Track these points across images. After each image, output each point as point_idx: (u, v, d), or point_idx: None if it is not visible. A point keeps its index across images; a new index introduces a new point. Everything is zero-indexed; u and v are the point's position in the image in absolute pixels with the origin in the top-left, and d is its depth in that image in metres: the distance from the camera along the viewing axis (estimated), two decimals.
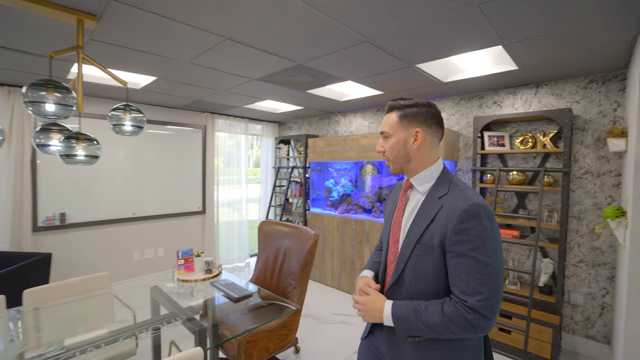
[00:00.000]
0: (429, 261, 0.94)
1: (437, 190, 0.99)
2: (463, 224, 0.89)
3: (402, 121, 1.01)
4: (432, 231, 0.94)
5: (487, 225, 0.89)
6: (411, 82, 2.84)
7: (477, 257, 0.88)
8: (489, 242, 0.88)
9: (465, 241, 0.88)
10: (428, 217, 0.96)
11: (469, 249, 0.88)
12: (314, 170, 4.50)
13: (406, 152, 1.01)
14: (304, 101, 3.71)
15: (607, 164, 2.53)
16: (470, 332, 0.89)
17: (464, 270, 0.89)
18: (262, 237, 2.64)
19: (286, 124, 5.37)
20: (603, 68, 2.43)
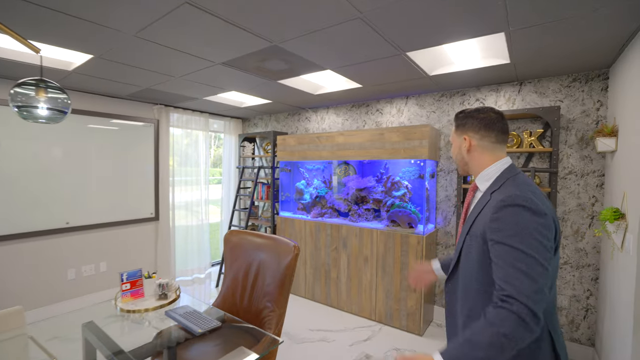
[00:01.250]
0: (474, 250, 1.00)
1: (492, 187, 1.04)
2: (499, 213, 0.92)
3: (457, 130, 1.14)
4: (478, 222, 1.01)
5: (525, 215, 0.89)
6: (394, 74, 2.61)
7: (512, 245, 0.87)
8: (525, 232, 0.87)
9: (500, 229, 0.91)
10: (477, 211, 1.03)
11: (503, 237, 0.89)
12: (283, 171, 4.13)
13: (462, 157, 1.14)
14: (274, 94, 3.33)
15: (590, 164, 2.49)
16: (522, 327, 0.81)
17: (500, 258, 0.89)
18: (230, 250, 2.23)
19: (251, 120, 4.93)
20: (587, 66, 2.38)
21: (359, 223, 3.32)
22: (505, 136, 1.09)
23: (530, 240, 0.86)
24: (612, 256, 2.05)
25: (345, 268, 3.33)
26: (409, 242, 2.89)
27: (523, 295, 0.82)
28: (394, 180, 3.18)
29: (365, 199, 3.43)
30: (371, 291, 3.15)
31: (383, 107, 3.53)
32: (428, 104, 3.22)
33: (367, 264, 3.17)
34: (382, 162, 3.43)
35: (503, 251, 0.89)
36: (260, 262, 2.07)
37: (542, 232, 0.88)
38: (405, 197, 3.11)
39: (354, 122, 3.77)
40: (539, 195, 0.95)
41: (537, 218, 0.89)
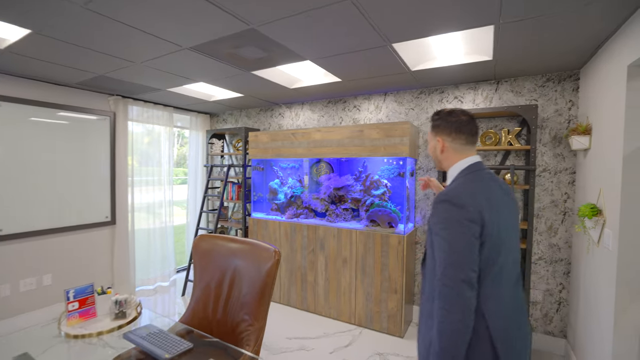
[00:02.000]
0: (429, 243, 1.13)
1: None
2: (434, 208, 1.08)
3: (431, 132, 1.24)
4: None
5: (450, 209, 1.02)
6: (377, 68, 2.51)
7: (440, 235, 1.03)
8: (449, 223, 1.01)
9: (434, 222, 1.07)
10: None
11: (436, 228, 1.05)
12: (255, 169, 3.91)
13: (436, 156, 1.24)
14: (247, 86, 3.11)
15: (563, 162, 2.56)
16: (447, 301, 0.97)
17: (435, 246, 1.05)
18: (200, 257, 2.00)
19: (220, 115, 4.63)
20: (560, 67, 2.43)
21: (337, 223, 3.19)
22: (475, 137, 1.18)
23: (453, 231, 1.00)
24: (588, 250, 2.09)
25: (322, 271, 3.19)
26: (390, 242, 2.81)
27: (447, 278, 0.98)
28: (373, 179, 3.09)
29: (343, 199, 3.31)
30: (350, 294, 3.04)
31: (361, 104, 3.43)
32: (407, 100, 3.17)
33: (346, 265, 3.05)
34: (360, 160, 3.33)
35: (436, 241, 1.04)
36: (235, 270, 1.86)
37: (463, 223, 0.99)
38: (384, 196, 3.03)
39: (331, 119, 3.64)
40: (473, 193, 1.04)
41: (459, 210, 1.00)
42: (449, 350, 0.95)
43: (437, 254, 1.02)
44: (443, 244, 1.00)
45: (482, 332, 0.99)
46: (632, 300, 1.68)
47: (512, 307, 1.05)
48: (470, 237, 0.98)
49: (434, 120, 1.22)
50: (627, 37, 1.68)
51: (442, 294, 0.97)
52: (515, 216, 1.15)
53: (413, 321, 3.12)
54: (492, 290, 1.01)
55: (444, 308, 0.97)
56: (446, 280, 0.97)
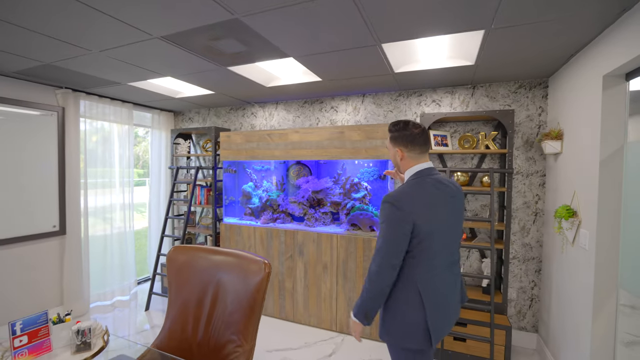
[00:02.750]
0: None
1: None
2: (380, 207, 1.34)
3: (391, 142, 1.46)
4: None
5: (388, 208, 1.30)
6: (360, 69, 2.44)
7: (381, 228, 1.32)
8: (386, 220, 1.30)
9: (379, 217, 1.36)
10: None
11: (379, 223, 1.34)
12: (227, 172, 3.68)
13: (396, 162, 1.46)
14: (220, 83, 2.89)
15: (534, 165, 2.68)
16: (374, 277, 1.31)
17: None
18: (177, 272, 1.79)
19: (185, 114, 4.31)
20: (531, 74, 2.54)
21: (317, 228, 3.09)
22: (426, 147, 1.42)
23: (390, 228, 1.28)
24: (563, 250, 2.20)
25: (301, 277, 3.07)
26: (372, 247, 2.76)
27: (374, 263, 1.31)
28: (353, 182, 3.04)
29: (322, 202, 3.21)
30: (331, 300, 2.95)
31: (338, 105, 3.36)
32: (385, 102, 3.16)
33: (326, 271, 2.96)
34: (339, 162, 3.26)
35: (379, 231, 1.36)
36: (219, 285, 1.68)
37: (397, 222, 1.27)
38: (365, 199, 2.98)
39: (307, 120, 3.53)
40: (411, 197, 1.31)
41: (396, 211, 1.27)
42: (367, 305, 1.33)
43: (377, 241, 1.33)
44: (381, 236, 1.30)
45: (416, 301, 1.31)
46: (608, 295, 1.78)
47: (443, 284, 1.36)
48: (400, 234, 1.27)
49: (392, 132, 1.45)
50: (603, 48, 1.77)
51: (371, 272, 1.32)
52: (455, 214, 1.42)
53: None
54: (425, 271, 1.31)
55: (369, 278, 1.32)
56: (377, 263, 1.30)
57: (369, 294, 1.32)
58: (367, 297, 1.32)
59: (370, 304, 1.32)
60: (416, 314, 1.30)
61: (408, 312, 1.31)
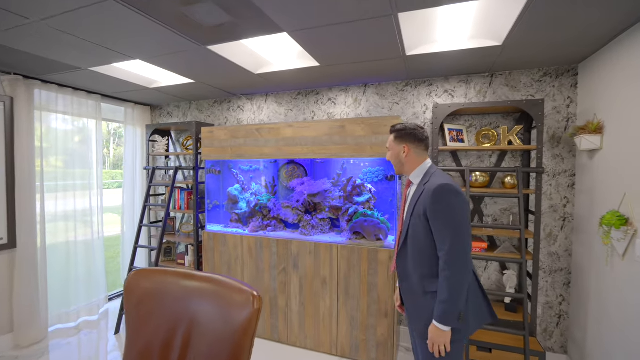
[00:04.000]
0: (420, 227, 1.38)
1: (423, 180, 1.44)
2: (435, 198, 1.32)
3: (396, 140, 1.52)
4: (419, 206, 1.39)
5: (451, 197, 1.30)
6: (367, 50, 2.07)
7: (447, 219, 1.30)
8: (452, 209, 1.30)
9: (438, 209, 1.31)
10: (416, 197, 1.42)
11: (441, 215, 1.31)
12: (210, 172, 3.24)
13: (399, 160, 1.52)
14: (199, 68, 2.47)
15: (562, 164, 2.36)
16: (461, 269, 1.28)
17: (441, 231, 1.31)
18: (137, 304, 1.36)
19: (163, 108, 3.85)
20: (559, 60, 2.23)
21: (314, 236, 2.70)
22: (428, 146, 1.51)
23: (458, 216, 1.29)
24: (608, 262, 1.87)
25: (296, 294, 2.67)
26: (378, 258, 2.39)
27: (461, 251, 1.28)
28: (356, 184, 2.66)
29: (319, 207, 2.82)
30: (331, 320, 2.56)
31: (337, 96, 2.98)
32: (390, 93, 2.79)
33: (325, 287, 2.57)
34: (338, 161, 2.88)
35: (442, 226, 1.31)
36: (192, 323, 1.27)
37: (464, 208, 1.31)
38: (369, 204, 2.61)
39: (301, 113, 3.13)
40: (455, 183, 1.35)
41: (460, 197, 1.30)
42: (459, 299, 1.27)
43: (442, 235, 1.30)
44: (453, 226, 1.28)
45: (475, 285, 1.41)
46: None
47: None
48: (469, 219, 1.33)
49: (399, 132, 1.50)
50: None
51: (457, 264, 1.27)
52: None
53: (400, 344, 2.74)
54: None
55: (460, 273, 1.27)
56: (459, 254, 1.27)
57: (461, 286, 1.27)
58: (461, 290, 1.27)
59: (463, 297, 1.28)
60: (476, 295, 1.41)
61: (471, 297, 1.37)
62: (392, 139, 1.53)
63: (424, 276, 1.38)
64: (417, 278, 1.40)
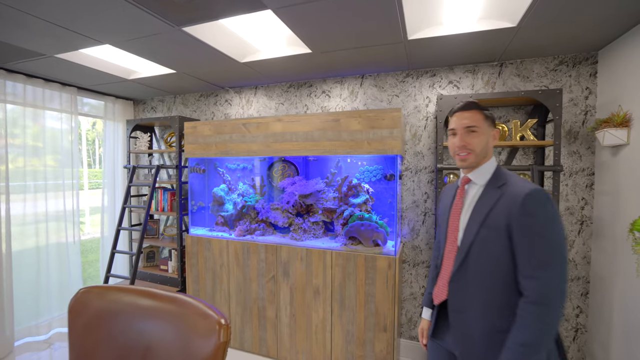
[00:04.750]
0: (496, 243, 1.03)
1: (496, 181, 1.10)
2: (528, 208, 0.98)
3: (486, 121, 1.13)
4: (496, 215, 1.04)
5: (549, 208, 0.98)
6: (365, 34, 1.83)
7: (542, 235, 0.96)
8: (551, 224, 0.96)
9: (533, 225, 0.97)
10: (488, 204, 1.06)
11: (539, 228, 0.96)
12: (194, 171, 3.00)
13: (487, 150, 1.13)
14: (177, 55, 2.22)
15: (579, 161, 2.14)
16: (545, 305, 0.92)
17: (528, 248, 0.97)
18: (83, 330, 1.12)
19: (147, 102, 3.60)
20: (575, 47, 2.01)
21: (305, 242, 2.46)
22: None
23: (557, 231, 0.97)
24: (639, 274, 1.64)
25: (287, 304, 2.43)
26: (377, 266, 2.16)
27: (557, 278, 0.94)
28: (352, 184, 2.42)
29: (312, 209, 2.58)
30: (325, 333, 2.32)
31: (331, 89, 2.74)
32: (390, 85, 2.56)
33: (318, 297, 2.33)
34: (333, 159, 2.64)
35: (539, 246, 0.96)
36: (147, 353, 1.03)
37: (561, 222, 0.99)
38: (367, 205, 2.37)
39: (292, 107, 2.89)
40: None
41: (554, 207, 0.99)
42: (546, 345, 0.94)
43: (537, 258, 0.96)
44: (554, 248, 0.96)
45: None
46: None
47: None
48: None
49: (486, 111, 1.15)
50: None
51: (555, 300, 0.93)
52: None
53: (400, 358, 2.51)
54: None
55: (556, 313, 0.93)
56: (561, 286, 0.94)
57: (553, 328, 0.93)
58: (551, 334, 0.93)
59: (550, 344, 0.96)
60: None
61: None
62: (483, 118, 1.13)
63: (492, 308, 1.04)
64: (480, 311, 1.06)
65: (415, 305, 2.55)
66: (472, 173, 1.16)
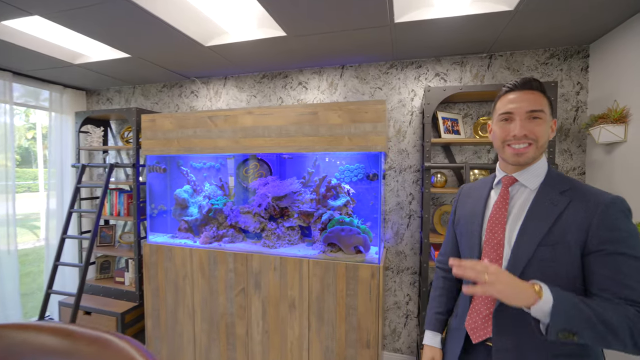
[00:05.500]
0: (563, 265, 0.80)
1: (555, 185, 0.87)
2: (614, 220, 0.77)
3: (548, 108, 0.88)
4: (562, 229, 0.81)
5: (632, 223, 0.79)
6: (348, 16, 1.61)
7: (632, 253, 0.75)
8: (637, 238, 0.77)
9: (622, 238, 0.76)
10: (552, 214, 0.83)
11: (626, 247, 0.76)
12: (153, 171, 2.66)
13: (545, 141, 0.89)
14: (129, 35, 1.90)
15: (570, 160, 2.02)
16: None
17: (623, 271, 0.75)
18: None
19: (101, 93, 3.21)
20: (567, 40, 1.89)
21: (279, 249, 2.20)
22: None
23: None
24: None
25: (259, 320, 2.16)
26: (359, 276, 1.94)
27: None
28: (331, 184, 2.19)
29: (287, 212, 2.33)
30: (301, 351, 2.08)
31: (309, 80, 2.50)
32: (372, 77, 2.35)
33: (294, 311, 2.08)
34: (310, 157, 2.40)
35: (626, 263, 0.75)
36: None
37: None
38: (347, 208, 2.15)
39: (266, 100, 2.63)
40: None
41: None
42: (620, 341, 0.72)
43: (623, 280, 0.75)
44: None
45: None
46: None
47: None
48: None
49: (547, 94, 0.89)
50: None
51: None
52: None
53: None
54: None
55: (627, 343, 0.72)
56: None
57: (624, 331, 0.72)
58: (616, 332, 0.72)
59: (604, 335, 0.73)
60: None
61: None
62: (547, 104, 0.88)
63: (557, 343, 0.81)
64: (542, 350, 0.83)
65: (400, 315, 2.36)
66: (522, 172, 0.90)
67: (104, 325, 2.55)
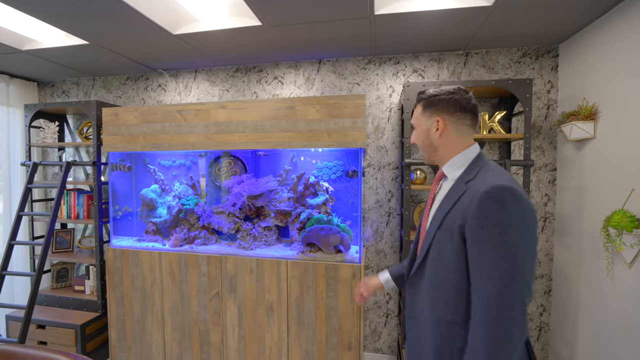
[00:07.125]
0: (449, 248, 0.87)
1: (466, 176, 0.91)
2: (482, 208, 0.79)
3: (425, 111, 0.99)
4: (453, 215, 0.88)
5: (512, 211, 0.77)
6: (326, 6, 1.54)
7: (496, 246, 0.77)
8: (511, 230, 0.76)
9: (484, 226, 0.79)
10: (451, 202, 0.90)
11: (487, 236, 0.78)
12: (117, 169, 2.45)
13: (430, 142, 0.99)
14: (82, 14, 1.72)
15: (542, 157, 2.08)
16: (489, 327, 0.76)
17: (478, 260, 0.80)
18: None
19: (56, 85, 2.93)
20: (539, 39, 1.94)
21: (256, 250, 2.10)
22: (477, 119, 0.97)
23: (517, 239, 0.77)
24: (609, 272, 1.58)
25: (234, 325, 2.05)
26: (340, 276, 1.88)
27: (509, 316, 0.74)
28: (309, 182, 2.12)
29: (263, 212, 2.23)
30: (280, 357, 1.99)
31: (285, 74, 2.41)
32: (350, 72, 2.30)
33: (272, 315, 1.99)
34: (287, 154, 2.31)
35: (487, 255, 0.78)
36: None
37: (529, 226, 0.78)
38: (327, 206, 2.09)
39: (239, 95, 2.51)
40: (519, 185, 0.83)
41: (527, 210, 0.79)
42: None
43: (483, 269, 0.78)
44: (507, 258, 0.76)
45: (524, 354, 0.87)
46: None
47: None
48: (535, 247, 0.80)
49: (429, 97, 0.98)
50: None
51: (503, 322, 0.74)
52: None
53: None
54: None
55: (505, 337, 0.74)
56: (511, 305, 0.74)
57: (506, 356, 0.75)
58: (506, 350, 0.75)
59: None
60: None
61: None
62: (420, 110, 1.00)
63: (443, 323, 0.89)
64: (432, 323, 0.91)
65: (380, 314, 2.33)
66: (445, 167, 0.98)
67: (60, 339, 2.32)
